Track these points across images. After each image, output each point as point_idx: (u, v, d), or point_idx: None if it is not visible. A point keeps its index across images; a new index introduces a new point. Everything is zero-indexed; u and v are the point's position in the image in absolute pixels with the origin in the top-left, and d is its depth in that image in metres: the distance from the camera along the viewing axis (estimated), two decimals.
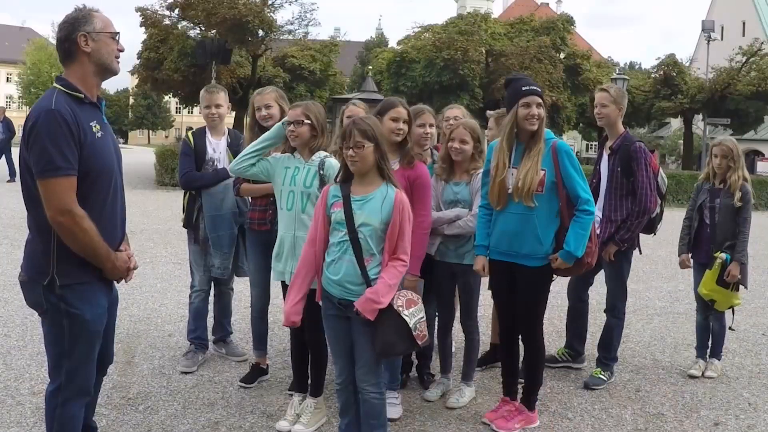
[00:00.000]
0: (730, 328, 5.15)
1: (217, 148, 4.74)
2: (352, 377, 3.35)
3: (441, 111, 5.00)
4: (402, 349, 3.30)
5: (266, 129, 4.10)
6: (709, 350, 5.13)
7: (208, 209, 4.67)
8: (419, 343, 3.25)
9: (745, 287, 4.98)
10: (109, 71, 2.80)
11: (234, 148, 4.70)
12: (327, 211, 3.31)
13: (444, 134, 4.56)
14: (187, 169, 4.71)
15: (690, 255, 5.09)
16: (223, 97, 4.77)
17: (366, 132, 3.20)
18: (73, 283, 2.71)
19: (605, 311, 4.91)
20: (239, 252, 4.83)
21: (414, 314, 3.23)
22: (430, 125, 4.31)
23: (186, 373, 4.65)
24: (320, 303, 3.37)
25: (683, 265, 5.15)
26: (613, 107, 4.65)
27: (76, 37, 2.69)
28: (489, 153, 4.04)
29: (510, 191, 3.82)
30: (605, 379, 4.77)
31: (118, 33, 2.79)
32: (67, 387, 2.79)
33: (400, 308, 3.19)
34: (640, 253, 4.93)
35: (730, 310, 5.02)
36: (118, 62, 2.83)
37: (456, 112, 4.90)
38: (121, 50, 2.82)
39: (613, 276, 4.80)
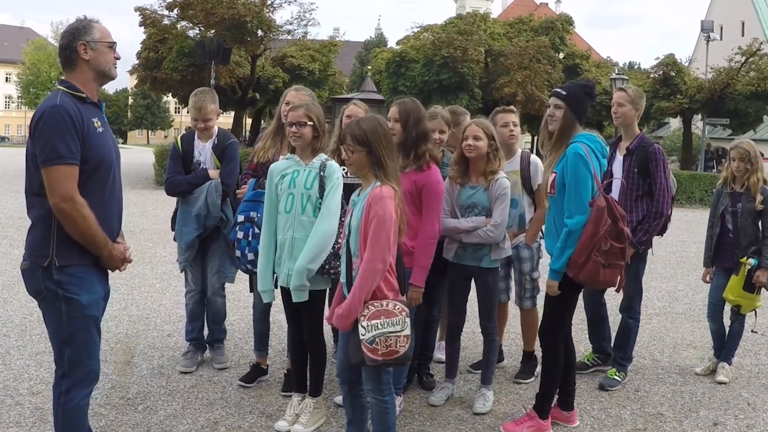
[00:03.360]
0: (752, 330, 5.17)
1: (202, 151, 4.69)
2: (348, 374, 3.34)
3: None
4: (356, 361, 3.07)
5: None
6: (721, 352, 5.08)
7: (181, 202, 4.71)
8: (371, 356, 3.00)
9: None
10: (107, 77, 3.00)
11: (219, 149, 4.65)
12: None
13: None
14: (170, 174, 4.69)
15: (713, 268, 5.06)
16: (213, 110, 4.62)
17: (358, 137, 3.15)
18: (70, 266, 2.84)
19: (621, 311, 4.88)
20: (224, 258, 4.71)
21: (375, 327, 3.00)
22: (441, 131, 4.32)
23: (185, 373, 4.65)
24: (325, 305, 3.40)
25: (705, 278, 5.15)
26: (630, 107, 4.65)
27: (77, 45, 2.89)
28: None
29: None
30: (620, 380, 4.74)
31: (115, 43, 2.99)
32: (71, 374, 2.91)
33: (361, 318, 3.01)
34: (652, 254, 4.89)
35: (753, 312, 4.99)
36: (116, 68, 3.03)
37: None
38: (118, 58, 3.03)
39: (630, 276, 4.63)
